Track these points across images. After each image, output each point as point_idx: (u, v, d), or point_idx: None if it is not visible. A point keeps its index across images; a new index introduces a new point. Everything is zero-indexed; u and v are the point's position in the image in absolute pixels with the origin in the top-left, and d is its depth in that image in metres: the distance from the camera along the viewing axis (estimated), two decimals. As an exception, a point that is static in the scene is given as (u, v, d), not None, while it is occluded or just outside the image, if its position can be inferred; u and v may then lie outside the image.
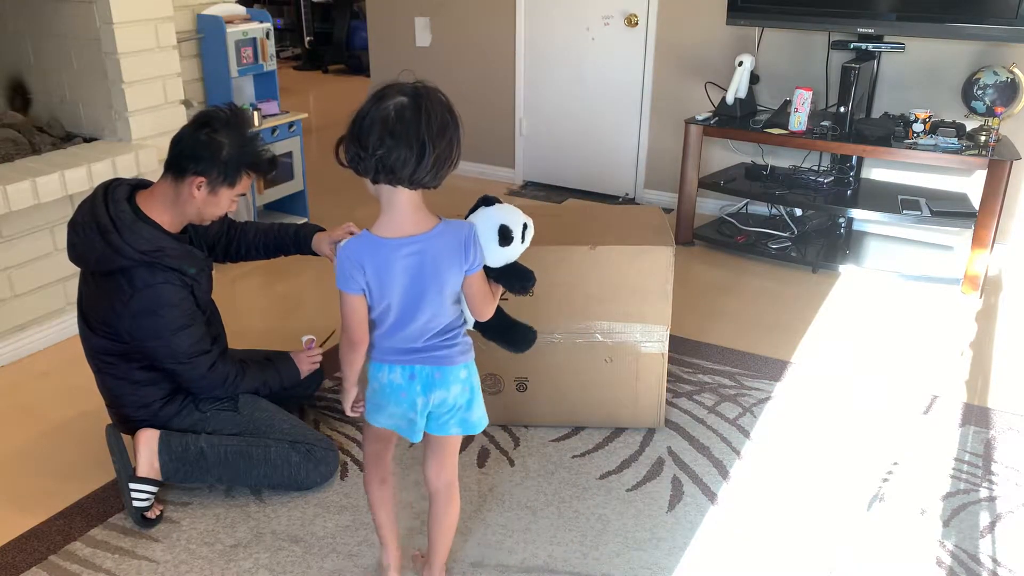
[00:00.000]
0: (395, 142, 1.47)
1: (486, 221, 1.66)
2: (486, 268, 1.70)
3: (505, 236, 1.64)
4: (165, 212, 2.11)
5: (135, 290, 2.05)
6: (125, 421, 2.26)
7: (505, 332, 1.83)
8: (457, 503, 1.85)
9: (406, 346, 1.66)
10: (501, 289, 1.75)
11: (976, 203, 3.52)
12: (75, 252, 2.11)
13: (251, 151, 2.09)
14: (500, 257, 1.68)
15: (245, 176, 2.11)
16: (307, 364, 2.44)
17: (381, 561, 1.98)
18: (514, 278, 1.72)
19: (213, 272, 2.35)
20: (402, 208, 1.58)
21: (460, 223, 1.64)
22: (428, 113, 1.50)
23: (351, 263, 1.58)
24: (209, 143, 2.02)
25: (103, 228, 2.03)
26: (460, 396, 1.72)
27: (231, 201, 2.14)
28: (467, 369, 1.73)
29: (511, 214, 1.68)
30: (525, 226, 1.69)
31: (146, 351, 2.13)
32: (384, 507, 1.90)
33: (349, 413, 1.78)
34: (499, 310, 1.79)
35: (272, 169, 2.21)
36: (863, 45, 3.68)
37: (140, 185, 2.17)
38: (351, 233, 2.28)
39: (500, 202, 1.71)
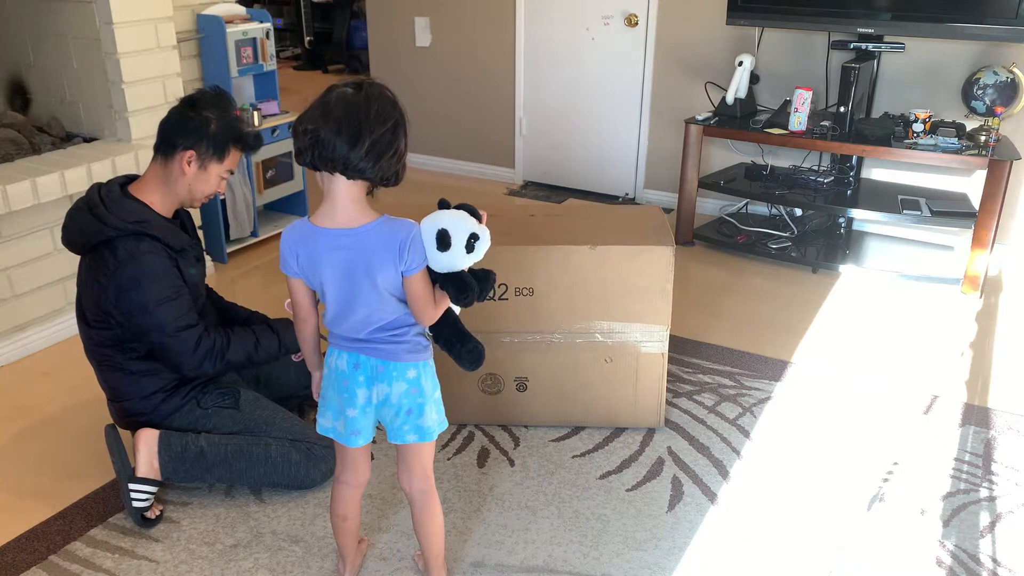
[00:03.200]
0: (328, 120, 1.50)
1: (430, 224, 1.61)
2: (431, 273, 1.65)
3: (443, 241, 1.58)
4: (155, 193, 2.15)
5: (118, 261, 2.06)
6: (126, 416, 2.27)
7: (452, 344, 1.74)
8: (435, 510, 1.82)
9: (351, 335, 1.67)
10: (447, 298, 1.68)
11: (976, 203, 3.52)
12: (66, 234, 2.16)
13: (237, 126, 2.17)
14: (441, 263, 1.62)
15: (233, 151, 2.17)
16: None
17: (338, 566, 2.00)
18: (454, 286, 1.65)
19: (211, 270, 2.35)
20: (338, 198, 1.58)
21: (403, 223, 1.60)
22: (368, 99, 1.52)
23: (287, 248, 1.64)
24: (197, 118, 2.10)
25: (92, 204, 2.10)
26: (406, 398, 1.69)
27: (219, 179, 2.19)
28: (417, 370, 1.69)
29: (458, 220, 1.61)
30: (475, 236, 1.61)
31: (134, 328, 2.12)
32: (344, 537, 1.91)
33: (315, 397, 1.82)
34: (453, 320, 1.74)
35: (258, 145, 2.27)
36: (863, 45, 3.68)
37: (133, 178, 2.22)
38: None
39: (458, 208, 1.66)
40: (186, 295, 2.16)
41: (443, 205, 1.66)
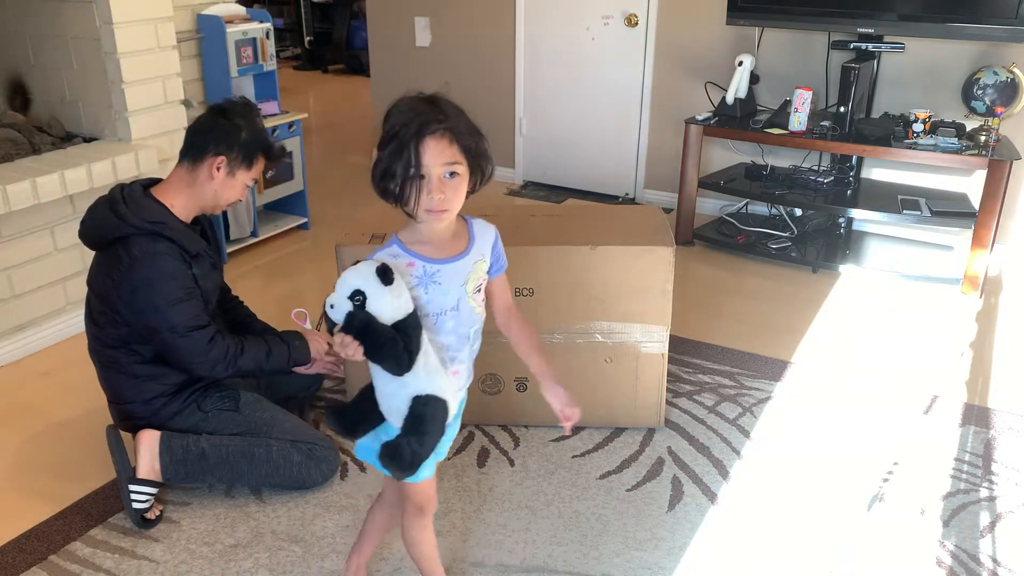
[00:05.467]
0: None
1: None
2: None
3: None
4: (178, 197, 2.18)
5: (132, 259, 2.07)
6: (126, 418, 2.26)
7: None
8: (404, 532, 1.77)
9: None
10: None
11: (976, 203, 3.52)
12: (83, 229, 2.18)
13: (266, 136, 2.24)
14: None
15: (260, 159, 2.23)
16: (317, 344, 2.41)
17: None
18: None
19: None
20: None
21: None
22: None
23: None
24: (229, 126, 2.15)
25: (113, 201, 2.12)
26: None
27: (244, 187, 2.24)
28: None
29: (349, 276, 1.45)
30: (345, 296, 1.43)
31: (143, 327, 2.12)
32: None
33: None
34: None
35: (283, 156, 2.36)
36: (863, 45, 3.68)
37: (155, 182, 2.25)
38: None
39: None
40: (198, 297, 2.16)
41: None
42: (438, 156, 1.44)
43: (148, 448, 2.16)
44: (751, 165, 4.14)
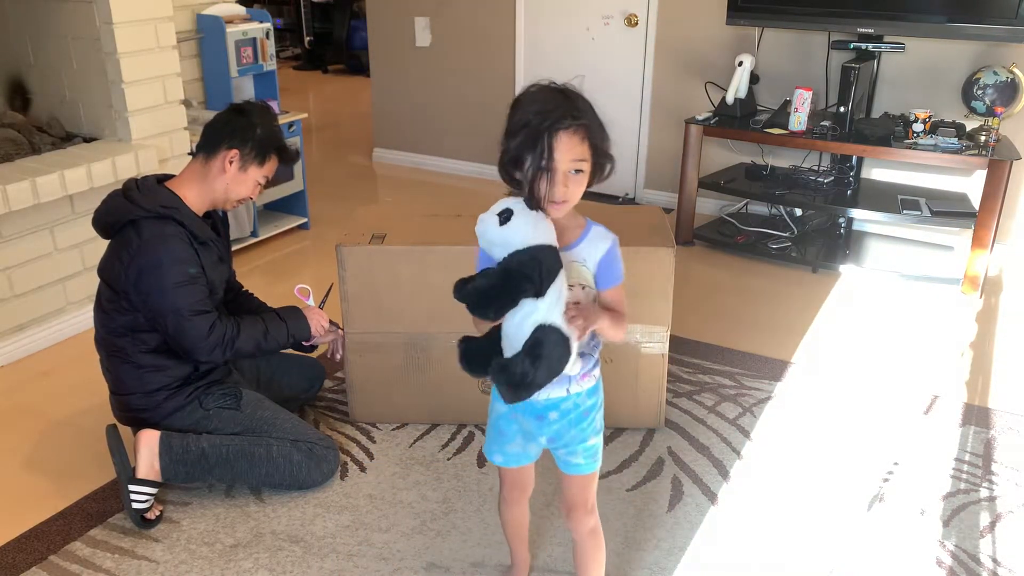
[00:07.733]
0: None
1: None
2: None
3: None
4: (190, 189, 2.21)
5: (143, 241, 2.11)
6: (127, 410, 2.27)
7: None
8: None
9: None
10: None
11: (976, 203, 3.52)
12: (96, 216, 2.21)
13: (280, 136, 2.29)
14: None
15: (272, 158, 2.26)
16: (317, 320, 2.42)
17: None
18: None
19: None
20: None
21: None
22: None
23: None
24: (245, 123, 2.20)
25: (127, 188, 2.17)
26: None
27: (256, 184, 2.27)
28: None
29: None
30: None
31: (149, 310, 2.14)
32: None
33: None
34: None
35: (295, 159, 2.39)
36: (863, 45, 3.69)
37: (170, 177, 2.28)
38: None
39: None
40: (203, 284, 2.18)
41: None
42: (569, 152, 1.45)
43: (148, 448, 2.16)
44: (751, 165, 4.14)
